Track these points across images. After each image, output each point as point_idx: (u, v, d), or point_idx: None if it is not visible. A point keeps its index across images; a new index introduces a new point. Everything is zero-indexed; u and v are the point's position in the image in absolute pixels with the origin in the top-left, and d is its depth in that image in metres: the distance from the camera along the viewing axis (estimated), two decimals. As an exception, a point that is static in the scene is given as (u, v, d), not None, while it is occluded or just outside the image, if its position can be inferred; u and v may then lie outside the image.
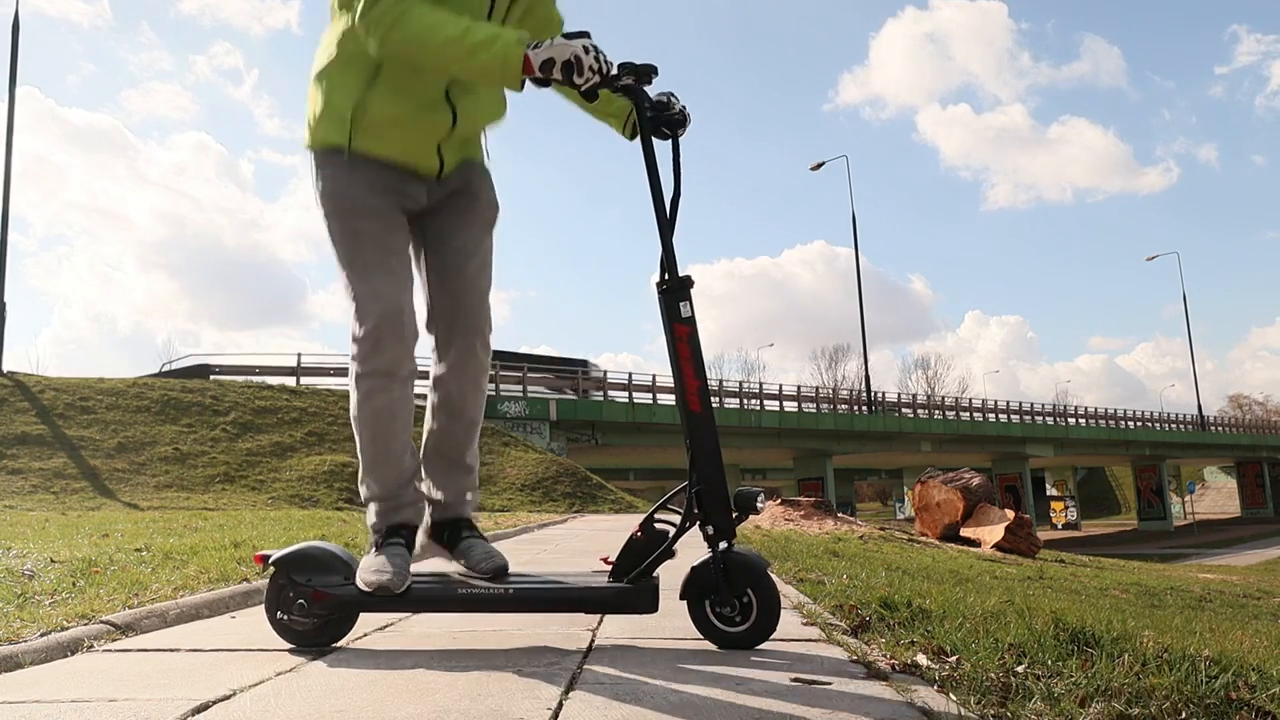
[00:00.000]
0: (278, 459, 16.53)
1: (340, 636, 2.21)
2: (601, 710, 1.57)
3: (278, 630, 2.18)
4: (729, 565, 2.05)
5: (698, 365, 2.06)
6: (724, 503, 2.05)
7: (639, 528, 2.13)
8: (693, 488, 2.07)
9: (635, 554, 2.11)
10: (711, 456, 2.06)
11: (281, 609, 2.15)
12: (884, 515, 52.35)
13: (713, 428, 2.06)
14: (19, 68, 19.85)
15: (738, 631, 2.08)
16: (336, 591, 2.13)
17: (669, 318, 2.06)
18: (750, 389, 36.51)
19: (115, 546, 4.37)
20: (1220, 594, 7.42)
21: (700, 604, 2.10)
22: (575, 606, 2.17)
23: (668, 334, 2.07)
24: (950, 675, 1.89)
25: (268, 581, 2.19)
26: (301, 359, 24.68)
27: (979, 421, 41.76)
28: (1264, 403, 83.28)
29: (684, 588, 2.10)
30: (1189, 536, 40.57)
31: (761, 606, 2.07)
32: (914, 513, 10.75)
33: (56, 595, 2.83)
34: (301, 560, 2.16)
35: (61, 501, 12.94)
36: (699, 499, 2.05)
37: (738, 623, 2.08)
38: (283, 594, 2.15)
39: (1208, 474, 67.16)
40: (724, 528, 2.05)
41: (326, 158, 2.17)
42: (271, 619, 2.18)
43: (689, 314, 2.05)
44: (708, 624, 2.11)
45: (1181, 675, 2.01)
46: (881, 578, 3.85)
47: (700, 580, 2.08)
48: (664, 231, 2.09)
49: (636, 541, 2.12)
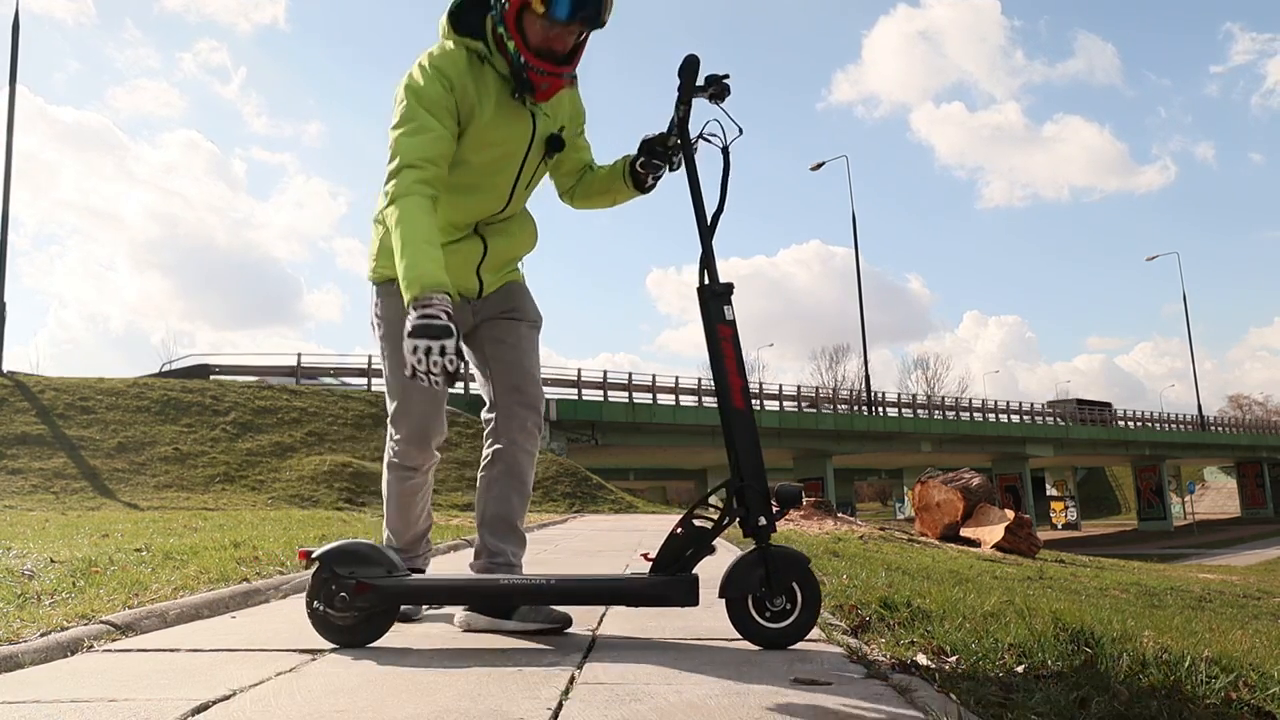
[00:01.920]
0: (278, 459, 16.53)
1: (377, 636, 2.20)
2: (601, 710, 1.57)
3: (315, 623, 2.17)
4: (773, 561, 2.06)
5: (740, 365, 2.13)
6: (765, 499, 2.06)
7: (678, 523, 2.13)
8: (735, 484, 2.08)
9: (675, 549, 2.11)
10: (753, 453, 2.08)
11: (321, 600, 2.16)
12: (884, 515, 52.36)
13: (754, 425, 2.10)
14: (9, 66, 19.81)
15: (781, 628, 2.08)
16: (381, 583, 2.15)
17: (713, 320, 2.14)
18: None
19: (115, 546, 4.37)
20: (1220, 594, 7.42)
21: (742, 602, 2.09)
22: (616, 599, 2.20)
23: (710, 335, 2.14)
24: (950, 675, 1.89)
25: (310, 576, 2.19)
26: (302, 359, 24.70)
27: (979, 421, 41.75)
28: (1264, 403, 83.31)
29: (724, 585, 2.08)
30: (1189, 536, 40.56)
31: (806, 602, 2.08)
32: (914, 513, 10.74)
33: (56, 595, 2.83)
34: (345, 554, 2.19)
35: (61, 501, 12.94)
36: (740, 495, 2.07)
37: (784, 618, 2.08)
38: (325, 587, 2.16)
39: (1208, 474, 67.14)
40: (767, 524, 2.06)
41: (384, 289, 2.48)
42: (310, 610, 2.17)
43: (732, 317, 2.14)
44: (749, 622, 2.09)
45: (1181, 675, 2.01)
46: (881, 578, 3.85)
47: (742, 577, 2.07)
48: (705, 238, 2.18)
49: (676, 537, 2.12)
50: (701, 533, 2.11)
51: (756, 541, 2.07)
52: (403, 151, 2.18)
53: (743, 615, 2.09)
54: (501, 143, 2.33)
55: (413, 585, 2.22)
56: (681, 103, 2.22)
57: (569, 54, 2.26)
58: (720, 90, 2.22)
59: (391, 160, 2.20)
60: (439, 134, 2.20)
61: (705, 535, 2.10)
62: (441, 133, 2.21)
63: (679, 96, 2.22)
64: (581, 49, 2.28)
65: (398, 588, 2.16)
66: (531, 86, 2.25)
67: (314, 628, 2.19)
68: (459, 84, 2.24)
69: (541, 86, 2.25)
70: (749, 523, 2.06)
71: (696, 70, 2.21)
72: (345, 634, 2.17)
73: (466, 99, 2.26)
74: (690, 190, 2.20)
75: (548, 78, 2.23)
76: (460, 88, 2.24)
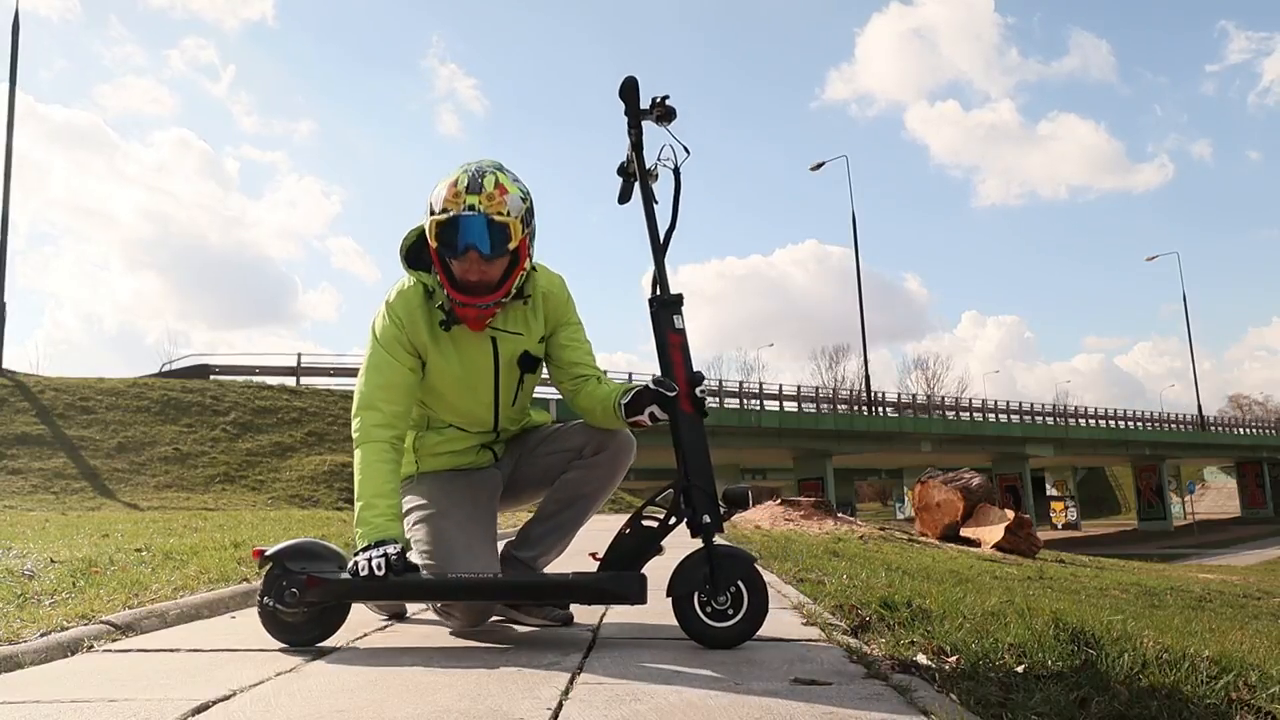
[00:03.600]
0: (278, 459, 16.53)
1: (325, 635, 2.22)
2: (601, 710, 1.57)
3: (265, 620, 2.19)
4: (716, 559, 2.09)
5: (689, 370, 2.18)
6: (712, 498, 2.11)
7: (626, 524, 2.18)
8: (682, 484, 2.12)
9: (623, 549, 2.16)
10: (700, 454, 2.13)
11: (272, 596, 2.18)
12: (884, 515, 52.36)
13: (702, 428, 2.16)
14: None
15: (727, 626, 2.10)
16: (330, 578, 2.17)
17: (664, 328, 2.21)
18: (750, 389, 36.53)
19: (115, 546, 4.37)
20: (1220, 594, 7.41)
21: (689, 600, 2.12)
22: (565, 594, 2.25)
23: (660, 343, 2.21)
24: (950, 675, 1.89)
25: (262, 576, 2.21)
26: (301, 359, 24.68)
27: (979, 421, 41.75)
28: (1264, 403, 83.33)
29: (671, 585, 2.12)
30: (1189, 536, 40.54)
31: (752, 599, 2.10)
32: (914, 513, 10.74)
33: (56, 595, 2.83)
34: (298, 551, 2.23)
35: (61, 501, 12.94)
36: (688, 495, 2.11)
37: (730, 615, 2.10)
38: (275, 584, 2.18)
39: (1208, 474, 67.14)
40: (713, 523, 2.09)
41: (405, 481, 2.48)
42: (260, 607, 2.20)
43: (681, 326, 2.22)
44: (695, 621, 2.12)
45: (1181, 675, 2.01)
46: (881, 578, 3.85)
47: (687, 576, 2.11)
48: (657, 254, 2.26)
49: (625, 538, 2.17)
50: (649, 532, 2.15)
51: (703, 541, 2.11)
52: (364, 391, 2.33)
53: (688, 613, 2.12)
54: (462, 374, 2.38)
55: (361, 582, 2.20)
56: (632, 127, 2.30)
57: (495, 283, 2.26)
58: (666, 113, 2.30)
59: (355, 399, 2.36)
60: (395, 369, 2.32)
61: (653, 535, 2.15)
62: (398, 368, 2.32)
63: (629, 121, 2.29)
64: (513, 275, 2.27)
65: (346, 583, 2.17)
66: (458, 319, 2.31)
67: (263, 626, 2.21)
68: (409, 322, 2.33)
69: (469, 318, 2.30)
70: (695, 522, 2.10)
71: (637, 92, 2.28)
72: (293, 631, 2.19)
73: (418, 335, 2.34)
74: (645, 211, 2.29)
75: (469, 309, 2.28)
76: (410, 325, 2.33)
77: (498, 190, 2.19)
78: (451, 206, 2.18)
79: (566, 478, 2.46)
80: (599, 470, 2.43)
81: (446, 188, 2.20)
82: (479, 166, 2.23)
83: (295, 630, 2.19)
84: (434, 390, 2.40)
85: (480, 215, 2.17)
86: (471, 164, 2.25)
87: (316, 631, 2.21)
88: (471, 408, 2.44)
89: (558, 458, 2.49)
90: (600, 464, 2.43)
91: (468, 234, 2.18)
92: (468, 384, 2.40)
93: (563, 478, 2.47)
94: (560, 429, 2.55)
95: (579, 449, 2.46)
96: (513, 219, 2.19)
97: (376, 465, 2.26)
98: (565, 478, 2.47)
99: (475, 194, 2.18)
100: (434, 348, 2.34)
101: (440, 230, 2.19)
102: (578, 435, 2.47)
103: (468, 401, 2.43)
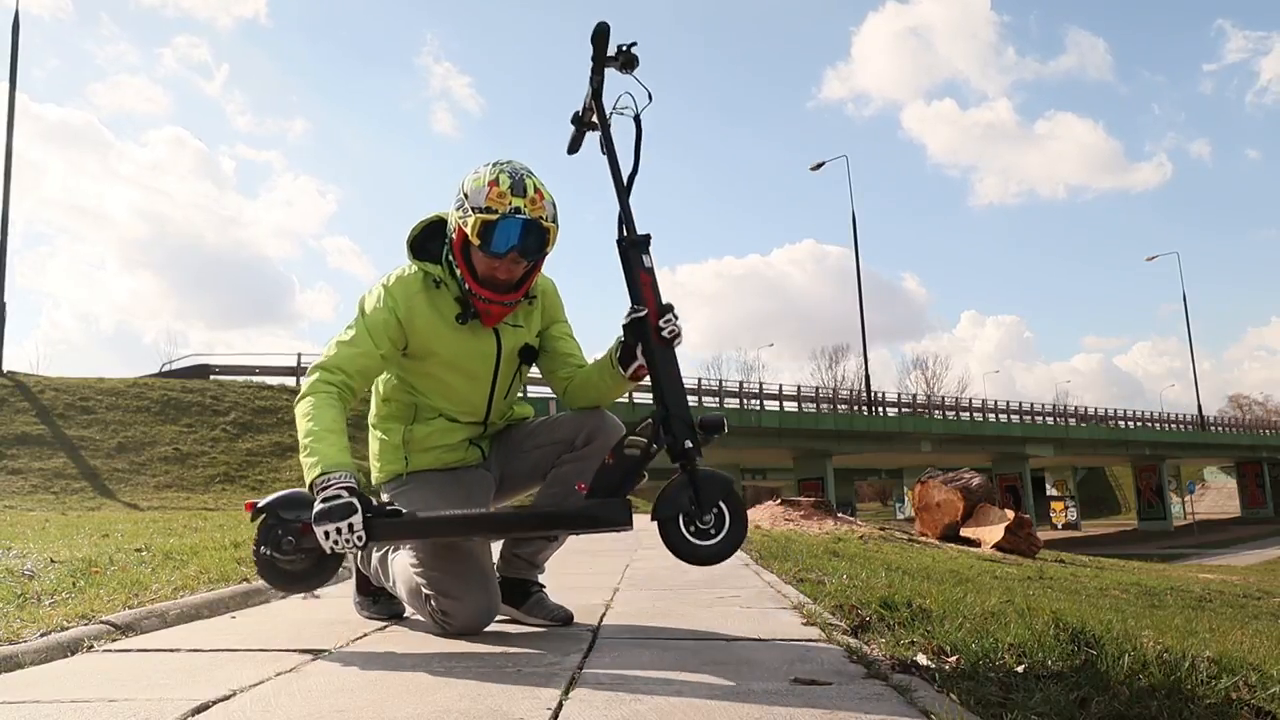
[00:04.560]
0: (278, 459, 16.53)
1: (324, 581, 2.25)
2: (601, 710, 1.57)
3: (262, 569, 2.21)
4: (700, 482, 2.14)
5: (660, 305, 2.21)
6: (690, 426, 2.15)
7: (610, 453, 2.23)
8: (660, 414, 2.16)
9: (609, 478, 2.21)
10: (676, 384, 2.17)
11: (268, 545, 2.19)
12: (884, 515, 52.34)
13: (675, 359, 2.20)
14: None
15: (712, 544, 2.16)
16: None
17: (634, 267, 2.23)
18: (750, 389, 36.53)
19: (115, 546, 4.38)
20: (1220, 594, 7.41)
21: (674, 523, 2.16)
22: (552, 523, 2.29)
23: (631, 281, 2.23)
24: (950, 675, 1.89)
25: (257, 527, 2.22)
26: (302, 359, 24.68)
27: (979, 421, 41.75)
28: (1264, 403, 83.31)
29: (656, 509, 2.16)
30: (1189, 536, 40.53)
31: (732, 516, 2.17)
32: (914, 513, 10.74)
33: (56, 595, 2.83)
34: (289, 501, 2.22)
35: (61, 501, 12.95)
36: (666, 423, 2.15)
37: (713, 534, 2.16)
38: (270, 533, 2.19)
39: (1208, 474, 67.12)
40: (693, 447, 2.14)
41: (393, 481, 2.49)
42: (256, 556, 2.21)
43: (650, 264, 2.25)
44: (683, 542, 2.16)
45: (1181, 675, 2.01)
46: (881, 578, 3.85)
47: (673, 500, 2.15)
48: (622, 196, 2.26)
49: (609, 467, 2.21)
50: (632, 460, 2.20)
51: (683, 466, 2.15)
52: (328, 355, 2.33)
53: (675, 534, 2.16)
54: (466, 365, 2.41)
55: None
56: (595, 74, 2.29)
57: (517, 282, 2.34)
58: (628, 60, 2.29)
59: (319, 359, 2.35)
60: (368, 352, 2.31)
61: (636, 462, 2.20)
62: (372, 351, 2.31)
63: (592, 67, 2.29)
64: (532, 275, 2.37)
65: None
66: (477, 314, 2.36)
67: (261, 575, 2.22)
68: (405, 308, 2.34)
69: (485, 313, 2.35)
70: (675, 448, 2.15)
71: (607, 39, 2.27)
72: (293, 580, 2.21)
73: (413, 321, 2.34)
74: (607, 156, 2.28)
75: (493, 305, 2.33)
76: (408, 314, 2.34)
77: (537, 195, 2.24)
78: (498, 206, 2.21)
79: (559, 471, 2.48)
80: (590, 461, 2.44)
81: (488, 186, 2.23)
82: (513, 168, 2.27)
83: (293, 578, 2.21)
84: (432, 375, 2.41)
85: (529, 219, 2.22)
86: (503, 164, 2.27)
87: (314, 579, 2.23)
88: (468, 394, 2.45)
89: (547, 451, 2.50)
90: (591, 454, 2.44)
91: (515, 236, 2.23)
92: (469, 371, 2.42)
93: (555, 471, 2.49)
94: (545, 423, 2.57)
95: (568, 441, 2.48)
96: (553, 225, 2.26)
97: (326, 409, 2.24)
98: (558, 471, 2.48)
99: (520, 197, 2.23)
100: (434, 334, 2.35)
101: (485, 229, 2.22)
102: (565, 427, 2.49)
103: (465, 388, 2.44)
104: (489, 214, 2.21)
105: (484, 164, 2.30)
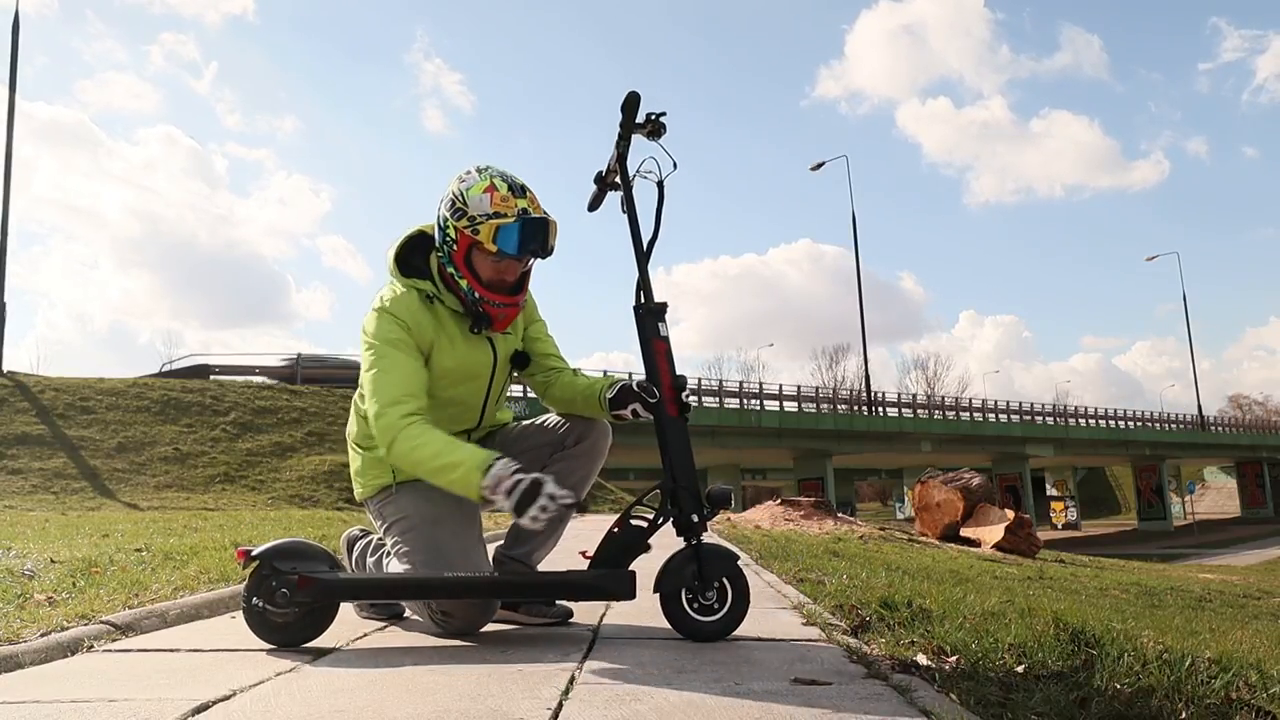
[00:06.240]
0: (278, 459, 16.53)
1: (315, 635, 2.22)
2: (601, 710, 1.57)
3: (251, 621, 2.18)
4: (705, 557, 2.17)
5: (674, 376, 2.26)
6: (697, 499, 2.18)
7: (616, 524, 2.24)
8: (668, 486, 2.19)
9: (613, 547, 2.22)
10: (685, 457, 2.21)
11: (261, 596, 2.17)
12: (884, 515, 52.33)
13: (685, 431, 2.24)
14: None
15: (712, 620, 2.19)
16: (323, 577, 2.17)
17: (649, 335, 2.27)
18: (750, 389, 36.52)
19: (115, 546, 4.37)
20: (1220, 594, 7.41)
21: (677, 599, 2.19)
22: (555, 591, 2.32)
23: (645, 349, 2.27)
24: (950, 675, 1.89)
25: (248, 576, 2.20)
26: (301, 359, 24.66)
27: (979, 421, 41.73)
28: (1264, 403, 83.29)
29: (659, 581, 2.18)
30: (1189, 536, 40.52)
31: (735, 593, 2.20)
32: (914, 513, 10.74)
33: (56, 595, 2.83)
34: (285, 552, 2.21)
35: (61, 501, 12.94)
36: (674, 496, 2.18)
37: (715, 610, 2.18)
38: (264, 584, 2.17)
39: (1208, 474, 67.10)
40: (699, 522, 2.17)
41: (378, 498, 2.45)
42: (247, 608, 2.18)
43: (666, 333, 2.28)
44: (683, 616, 2.19)
45: (1181, 675, 2.01)
46: (881, 578, 3.85)
47: (675, 573, 2.18)
48: (641, 263, 2.31)
49: (614, 536, 2.23)
50: (638, 531, 2.22)
51: (688, 540, 2.18)
52: (380, 392, 2.23)
53: (678, 610, 2.20)
54: (466, 375, 2.41)
55: (354, 580, 2.25)
56: (621, 139, 2.33)
57: (519, 282, 2.37)
58: (656, 128, 2.34)
59: (372, 402, 2.24)
60: (411, 368, 2.27)
61: (641, 534, 2.22)
62: (412, 365, 2.28)
63: (620, 133, 2.32)
64: (529, 274, 2.40)
65: (339, 582, 2.19)
66: (489, 319, 2.36)
67: (249, 626, 2.19)
68: (414, 324, 2.31)
69: (499, 318, 2.37)
70: (681, 522, 2.18)
71: (637, 108, 2.31)
72: (282, 632, 2.18)
73: (424, 338, 2.33)
74: (629, 221, 2.33)
75: (504, 309, 2.34)
76: (416, 327, 2.31)
77: (533, 194, 2.28)
78: (506, 210, 2.23)
79: (551, 471, 2.47)
80: (581, 460, 2.47)
81: (489, 193, 2.24)
82: (501, 173, 2.29)
83: (284, 631, 2.18)
84: (431, 390, 2.40)
85: (538, 218, 2.25)
86: (488, 169, 2.29)
87: (307, 632, 2.21)
88: (465, 405, 2.46)
89: (537, 453, 2.50)
90: (582, 454, 2.47)
91: (534, 237, 2.25)
92: (468, 380, 2.42)
93: (546, 472, 2.48)
94: (532, 425, 2.57)
95: (559, 442, 2.49)
96: (555, 220, 2.28)
97: (429, 434, 2.18)
98: (549, 471, 2.47)
99: (521, 198, 2.26)
100: (441, 353, 2.36)
101: (502, 233, 2.23)
102: (555, 428, 2.50)
103: (464, 399, 2.44)
104: (501, 218, 2.23)
105: (466, 172, 2.31)
